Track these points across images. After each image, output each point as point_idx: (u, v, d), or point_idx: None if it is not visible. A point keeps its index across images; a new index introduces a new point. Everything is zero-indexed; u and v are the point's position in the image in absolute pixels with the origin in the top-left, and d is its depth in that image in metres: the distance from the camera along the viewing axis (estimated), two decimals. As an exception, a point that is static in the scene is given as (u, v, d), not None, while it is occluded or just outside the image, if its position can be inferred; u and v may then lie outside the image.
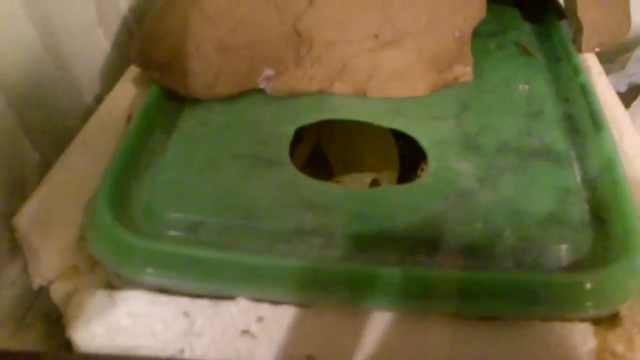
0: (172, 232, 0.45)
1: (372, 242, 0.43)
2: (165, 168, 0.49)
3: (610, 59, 0.83)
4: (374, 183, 0.59)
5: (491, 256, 0.43)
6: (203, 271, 0.42)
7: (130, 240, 0.42)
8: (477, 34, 0.65)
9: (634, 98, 0.71)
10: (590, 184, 0.48)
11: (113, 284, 0.45)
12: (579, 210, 0.46)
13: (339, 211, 0.45)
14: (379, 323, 0.41)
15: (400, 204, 0.46)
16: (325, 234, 0.43)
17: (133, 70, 0.61)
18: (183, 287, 0.42)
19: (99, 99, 0.62)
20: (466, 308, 0.40)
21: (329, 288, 0.41)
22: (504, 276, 0.41)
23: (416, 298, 0.40)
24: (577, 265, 0.42)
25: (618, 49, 0.84)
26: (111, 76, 0.63)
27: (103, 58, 0.64)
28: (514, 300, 0.40)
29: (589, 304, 0.39)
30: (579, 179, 0.49)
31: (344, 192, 0.47)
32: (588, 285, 0.39)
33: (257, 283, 0.41)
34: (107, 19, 0.65)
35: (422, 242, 0.43)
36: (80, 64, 0.60)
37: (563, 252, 0.43)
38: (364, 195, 0.47)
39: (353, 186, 0.55)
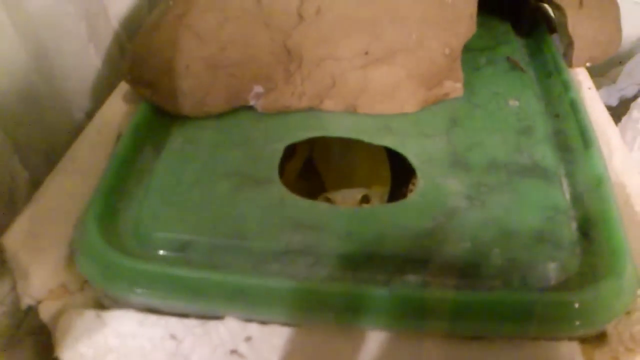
0: (160, 252, 0.45)
1: (360, 262, 0.43)
2: (154, 187, 0.49)
3: (602, 72, 0.83)
4: (365, 199, 0.59)
5: (479, 275, 0.43)
6: (191, 291, 0.42)
7: (118, 260, 0.42)
8: (468, 48, 0.65)
9: (625, 112, 0.71)
10: (578, 201, 0.48)
11: (102, 303, 0.45)
12: (567, 229, 0.46)
13: (327, 231, 0.45)
14: (368, 342, 0.40)
15: (388, 223, 0.46)
16: (313, 254, 0.44)
17: (124, 87, 0.61)
18: (171, 307, 0.42)
19: (90, 115, 0.62)
20: (454, 327, 0.40)
21: (318, 308, 0.41)
22: (491, 296, 0.41)
23: (404, 318, 0.40)
24: (565, 284, 0.42)
25: (610, 62, 0.84)
26: (102, 92, 0.64)
27: (94, 74, 0.65)
28: (501, 320, 0.40)
29: (577, 322, 0.40)
30: (567, 196, 0.49)
31: (333, 212, 0.47)
32: (576, 305, 0.39)
33: (246, 303, 0.41)
34: (98, 35, 0.65)
35: (411, 262, 0.43)
36: (70, 80, 0.60)
37: (551, 271, 0.43)
38: (352, 215, 0.47)
39: (342, 205, 0.55)
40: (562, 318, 0.40)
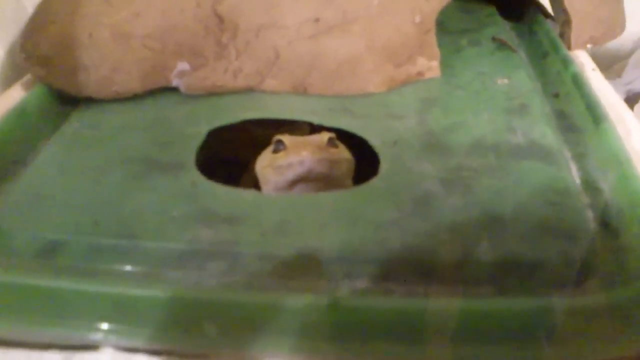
0: (20, 258, 0.32)
1: (292, 265, 0.31)
2: (26, 179, 0.37)
3: (605, 67, 0.73)
4: (332, 142, 0.46)
5: (462, 279, 0.31)
6: (53, 309, 0.29)
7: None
8: (448, 31, 0.57)
9: (633, 107, 0.61)
10: (593, 185, 0.37)
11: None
12: (581, 218, 0.34)
13: (250, 224, 0.33)
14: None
15: (334, 213, 0.34)
16: (229, 255, 0.31)
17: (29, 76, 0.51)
18: (28, 333, 0.30)
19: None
20: (417, 352, 0.28)
21: (224, 329, 0.28)
22: (476, 305, 0.29)
23: (351, 340, 0.28)
24: (582, 288, 0.30)
25: (613, 57, 0.74)
26: (8, 84, 0.53)
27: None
28: (491, 340, 0.28)
29: (602, 339, 0.28)
30: (577, 180, 0.37)
31: (260, 200, 0.35)
32: (601, 314, 0.28)
33: (127, 324, 0.29)
34: (3, 20, 0.54)
35: (363, 263, 0.31)
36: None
37: (560, 270, 0.31)
38: (285, 203, 0.35)
39: (303, 150, 0.39)
40: (579, 333, 0.28)
